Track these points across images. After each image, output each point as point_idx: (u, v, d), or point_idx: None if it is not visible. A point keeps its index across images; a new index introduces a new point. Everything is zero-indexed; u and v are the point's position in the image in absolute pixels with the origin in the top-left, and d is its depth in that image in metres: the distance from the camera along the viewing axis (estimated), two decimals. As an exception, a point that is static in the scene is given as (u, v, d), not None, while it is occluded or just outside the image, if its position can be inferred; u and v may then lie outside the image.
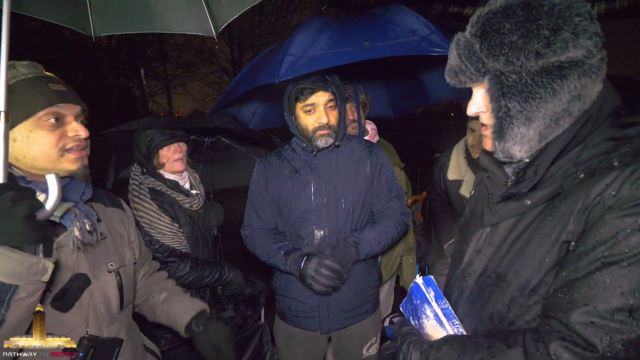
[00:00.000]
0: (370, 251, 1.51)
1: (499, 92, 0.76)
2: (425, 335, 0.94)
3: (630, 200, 0.64)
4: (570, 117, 0.75)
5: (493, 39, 0.73)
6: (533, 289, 0.75)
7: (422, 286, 0.93)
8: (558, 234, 0.72)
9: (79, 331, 0.96)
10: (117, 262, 1.09)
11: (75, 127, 0.96)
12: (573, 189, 0.72)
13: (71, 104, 0.96)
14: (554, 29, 0.69)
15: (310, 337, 1.61)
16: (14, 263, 0.71)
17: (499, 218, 0.86)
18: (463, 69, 0.80)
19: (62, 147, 0.93)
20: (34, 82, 0.92)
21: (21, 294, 0.74)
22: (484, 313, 0.84)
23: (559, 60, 0.70)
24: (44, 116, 0.91)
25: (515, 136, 0.78)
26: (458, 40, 0.80)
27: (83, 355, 0.92)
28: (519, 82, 0.74)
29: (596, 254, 0.66)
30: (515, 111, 0.76)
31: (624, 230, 0.63)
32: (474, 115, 0.86)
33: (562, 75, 0.71)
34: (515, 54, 0.72)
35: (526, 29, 0.70)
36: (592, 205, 0.68)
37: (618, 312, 0.62)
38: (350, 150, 1.59)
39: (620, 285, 0.62)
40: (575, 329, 0.65)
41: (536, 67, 0.72)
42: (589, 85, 0.72)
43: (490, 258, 0.86)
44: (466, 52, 0.78)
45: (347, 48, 1.50)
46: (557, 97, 0.72)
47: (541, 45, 0.70)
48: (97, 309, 1.02)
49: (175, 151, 1.73)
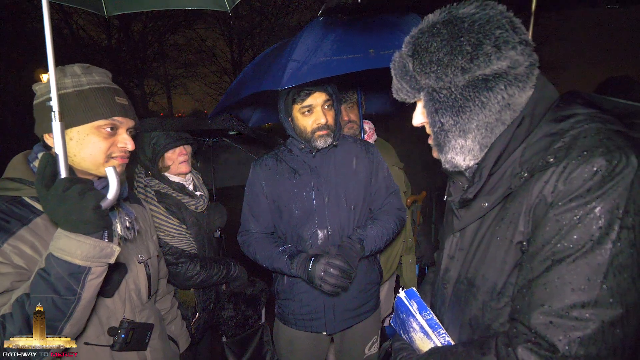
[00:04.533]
0: (375, 247, 1.51)
1: (433, 109, 0.79)
2: (416, 348, 0.95)
3: (567, 195, 0.64)
4: (503, 125, 0.76)
5: (423, 58, 0.76)
6: (500, 291, 0.76)
7: (404, 300, 0.94)
8: (512, 235, 0.73)
9: (118, 315, 1.07)
10: (145, 254, 1.19)
11: (125, 139, 1.04)
12: (519, 189, 0.73)
13: (128, 118, 1.05)
14: (475, 44, 0.71)
15: (313, 339, 1.61)
16: (88, 247, 0.82)
17: (464, 223, 0.87)
18: (399, 88, 0.83)
19: (109, 154, 1.01)
20: (105, 92, 1.01)
21: (93, 274, 0.85)
22: (464, 319, 0.85)
23: (483, 73, 0.72)
24: (103, 125, 0.99)
25: (454, 148, 0.80)
26: (394, 59, 0.84)
27: (124, 337, 1.04)
28: (450, 97, 0.76)
29: (545, 253, 0.66)
30: (449, 125, 0.78)
31: (565, 226, 0.64)
32: (419, 126, 0.89)
33: (488, 87, 0.73)
34: (444, 70, 0.74)
35: (451, 46, 0.73)
36: (534, 204, 0.69)
37: (572, 309, 0.62)
38: (347, 149, 1.60)
39: (570, 282, 0.63)
40: (537, 330, 0.65)
41: (463, 82, 0.74)
42: (516, 94, 0.74)
43: (462, 263, 0.87)
44: (400, 72, 0.82)
45: (352, 55, 1.49)
46: (486, 108, 0.75)
47: (465, 61, 0.72)
48: (131, 296, 1.11)
49: (181, 154, 1.73)
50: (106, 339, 1.03)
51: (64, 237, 0.81)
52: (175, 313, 1.47)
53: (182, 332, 1.50)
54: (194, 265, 1.66)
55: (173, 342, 1.38)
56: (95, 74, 1.02)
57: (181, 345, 1.46)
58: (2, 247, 0.86)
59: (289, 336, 1.63)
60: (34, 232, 0.91)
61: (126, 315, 1.08)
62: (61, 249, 0.81)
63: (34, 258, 0.89)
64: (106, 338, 1.03)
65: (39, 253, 0.90)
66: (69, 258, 0.81)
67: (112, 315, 1.05)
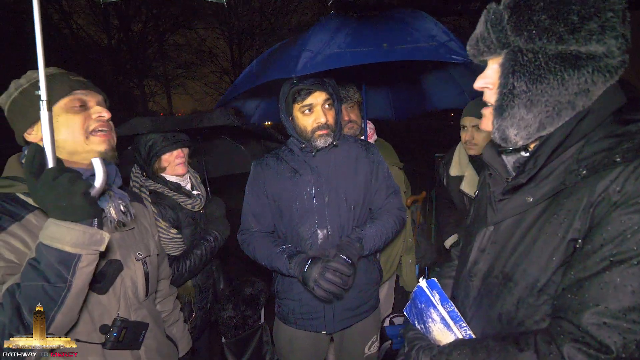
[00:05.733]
0: (374, 246, 1.51)
1: (511, 69, 0.76)
2: (432, 339, 0.93)
3: (635, 196, 0.63)
4: (572, 111, 0.74)
5: (523, 14, 0.73)
6: (541, 288, 0.74)
7: (426, 290, 0.92)
8: (564, 232, 0.72)
9: (112, 313, 1.05)
10: (144, 252, 1.18)
11: (98, 109, 1.03)
12: (576, 186, 0.71)
13: (92, 92, 1.05)
14: (583, 17, 0.68)
15: (313, 339, 1.61)
16: (78, 234, 0.81)
17: (502, 216, 0.85)
18: (485, 37, 0.79)
19: (86, 128, 1.00)
20: (56, 75, 1.01)
21: (83, 262, 0.84)
22: (492, 313, 0.84)
23: (578, 50, 0.70)
24: (69, 102, 0.99)
25: (513, 116, 0.77)
26: (489, 9, 0.79)
27: (117, 335, 1.03)
28: (533, 63, 0.73)
29: (604, 253, 0.65)
30: (520, 90, 0.75)
31: (631, 228, 0.63)
32: (480, 89, 0.85)
33: (576, 65, 0.70)
34: (539, 33, 0.71)
35: (557, 10, 0.70)
36: (596, 202, 0.67)
37: (630, 312, 0.61)
38: (348, 149, 1.59)
39: (630, 284, 0.62)
40: (587, 330, 0.64)
41: (554, 51, 0.71)
42: (599, 83, 0.71)
43: (495, 257, 0.86)
44: (493, 20, 0.77)
45: (365, 48, 1.49)
46: (564, 86, 0.72)
47: (566, 30, 0.69)
48: (127, 293, 1.09)
49: (178, 156, 1.71)
50: (98, 337, 1.01)
51: (53, 225, 0.81)
52: (177, 315, 1.46)
53: (184, 335, 1.48)
54: (177, 263, 1.64)
55: (172, 342, 1.36)
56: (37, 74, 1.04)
57: (181, 348, 1.44)
58: None
59: (289, 335, 1.63)
60: (26, 228, 0.91)
61: (121, 313, 1.07)
62: (51, 236, 0.80)
63: (26, 253, 0.89)
64: (98, 336, 1.01)
65: (31, 249, 0.89)
66: (58, 245, 0.80)
67: (106, 312, 1.03)
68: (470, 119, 1.93)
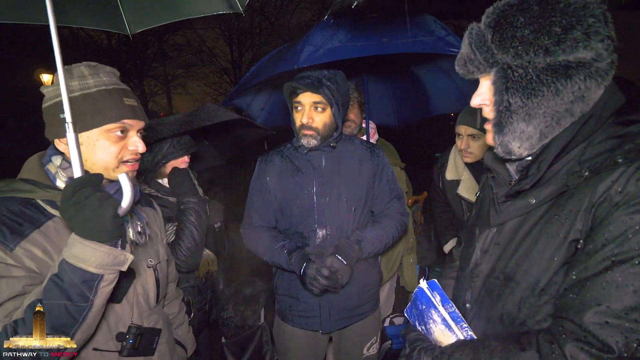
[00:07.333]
0: (373, 250, 1.51)
1: (503, 86, 0.76)
2: (433, 340, 0.93)
3: (637, 197, 0.63)
4: (571, 118, 0.74)
5: (505, 31, 0.73)
6: (543, 288, 0.75)
7: (427, 291, 0.92)
8: (566, 232, 0.72)
9: (126, 321, 1.05)
10: (154, 259, 1.17)
11: (135, 142, 1.03)
12: (579, 187, 0.72)
13: (137, 120, 1.03)
14: (566, 27, 0.69)
15: (311, 338, 1.61)
16: (103, 255, 0.81)
17: (505, 218, 0.85)
18: (472, 58, 0.79)
19: (120, 158, 1.00)
20: (113, 93, 0.98)
21: (105, 281, 0.84)
22: (493, 314, 0.84)
23: (566, 59, 0.70)
24: (113, 128, 0.97)
25: (514, 131, 0.78)
26: (471, 29, 0.80)
27: (133, 343, 1.04)
28: (524, 78, 0.73)
29: (606, 252, 0.65)
30: (516, 106, 0.76)
31: (632, 228, 0.63)
32: (477, 107, 0.86)
33: (568, 75, 0.71)
34: (525, 48, 0.71)
35: (539, 24, 0.70)
36: (598, 202, 0.68)
37: (632, 311, 0.61)
38: (352, 150, 1.59)
39: (632, 284, 0.62)
40: (589, 329, 0.64)
41: (543, 64, 0.71)
42: (593, 87, 0.72)
43: (497, 258, 0.86)
44: (477, 41, 0.77)
45: (366, 42, 1.53)
46: (559, 96, 0.72)
47: (551, 42, 0.70)
48: (139, 301, 1.10)
49: (183, 162, 1.70)
50: (114, 345, 1.02)
51: (78, 244, 0.80)
52: (182, 318, 1.46)
53: (189, 336, 1.49)
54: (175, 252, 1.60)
55: (181, 347, 1.38)
56: (102, 74, 0.99)
57: (189, 349, 1.45)
58: (15, 250, 0.85)
59: (288, 334, 1.63)
60: (46, 235, 0.90)
61: (134, 320, 1.07)
62: (76, 256, 0.80)
63: (45, 261, 0.89)
64: (114, 344, 1.02)
65: (50, 257, 0.90)
66: (83, 265, 0.80)
67: (120, 320, 1.04)
68: (465, 127, 1.88)
